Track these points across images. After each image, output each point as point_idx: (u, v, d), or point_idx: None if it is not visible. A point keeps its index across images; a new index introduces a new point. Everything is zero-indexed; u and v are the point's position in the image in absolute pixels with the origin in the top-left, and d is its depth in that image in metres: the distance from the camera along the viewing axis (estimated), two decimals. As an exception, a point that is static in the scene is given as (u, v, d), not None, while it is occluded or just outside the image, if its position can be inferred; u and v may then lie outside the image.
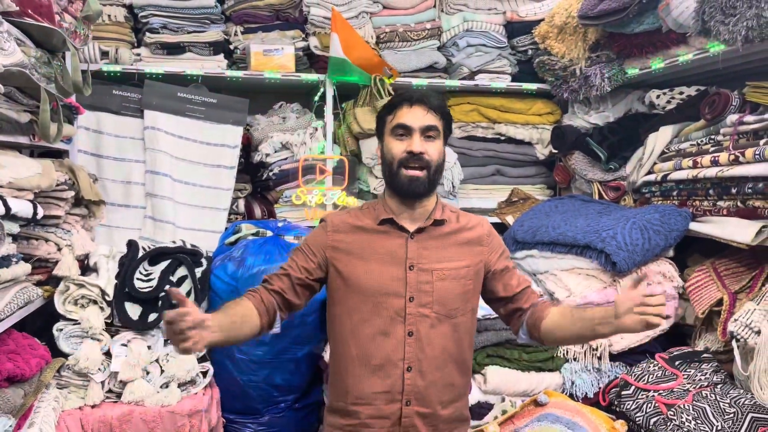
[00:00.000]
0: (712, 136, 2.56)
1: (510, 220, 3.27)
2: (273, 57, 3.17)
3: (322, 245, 1.74)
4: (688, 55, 2.61)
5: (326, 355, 2.44)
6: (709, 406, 2.09)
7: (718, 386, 2.21)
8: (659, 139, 2.83)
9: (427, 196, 1.73)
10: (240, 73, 3.16)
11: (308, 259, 1.74)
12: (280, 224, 2.84)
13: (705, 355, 2.36)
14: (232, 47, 3.29)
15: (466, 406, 1.85)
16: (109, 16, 3.04)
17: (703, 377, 2.26)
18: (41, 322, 2.35)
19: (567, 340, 1.90)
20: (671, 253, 2.66)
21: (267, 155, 3.20)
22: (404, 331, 1.68)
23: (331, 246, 1.74)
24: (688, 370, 2.31)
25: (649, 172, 2.86)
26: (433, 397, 1.71)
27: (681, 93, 2.94)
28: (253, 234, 2.75)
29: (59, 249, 2.26)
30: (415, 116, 1.67)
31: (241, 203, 3.24)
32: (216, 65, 3.17)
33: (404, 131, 1.68)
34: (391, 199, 1.75)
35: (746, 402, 2.06)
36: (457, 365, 1.76)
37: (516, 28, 3.52)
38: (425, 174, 1.67)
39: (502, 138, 3.53)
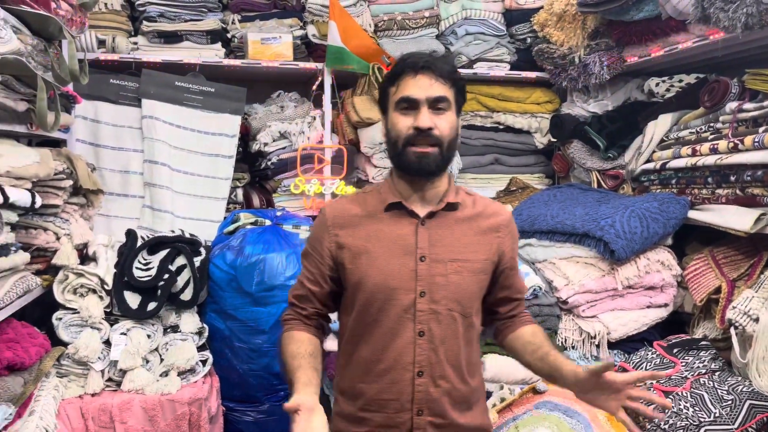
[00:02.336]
0: (711, 124, 2.55)
1: (508, 209, 3.27)
2: (271, 45, 3.15)
3: (327, 245, 1.54)
4: (687, 42, 2.60)
5: (326, 345, 2.43)
6: (707, 393, 2.10)
7: (716, 373, 2.22)
8: (658, 127, 2.82)
9: (438, 175, 1.51)
10: (238, 62, 3.14)
11: (319, 264, 1.55)
12: (278, 213, 2.85)
13: (703, 342, 2.37)
14: (229, 36, 3.27)
15: (485, 412, 1.65)
16: (105, 4, 3.03)
17: (701, 365, 2.27)
18: (41, 312, 2.35)
19: (520, 361, 1.70)
20: (670, 241, 2.66)
21: (265, 144, 3.19)
22: (414, 331, 1.47)
23: (335, 243, 1.53)
24: (686, 358, 2.31)
25: (648, 161, 2.86)
26: (448, 406, 1.50)
27: (680, 81, 2.94)
28: (251, 223, 2.76)
29: (58, 238, 2.26)
30: (421, 86, 1.45)
31: (240, 192, 3.23)
32: (213, 54, 3.15)
33: (409, 105, 1.46)
34: (400, 181, 1.53)
35: (744, 389, 2.07)
36: (472, 368, 1.56)
37: (515, 16, 3.51)
38: (437, 150, 1.46)
39: (501, 127, 3.52)
